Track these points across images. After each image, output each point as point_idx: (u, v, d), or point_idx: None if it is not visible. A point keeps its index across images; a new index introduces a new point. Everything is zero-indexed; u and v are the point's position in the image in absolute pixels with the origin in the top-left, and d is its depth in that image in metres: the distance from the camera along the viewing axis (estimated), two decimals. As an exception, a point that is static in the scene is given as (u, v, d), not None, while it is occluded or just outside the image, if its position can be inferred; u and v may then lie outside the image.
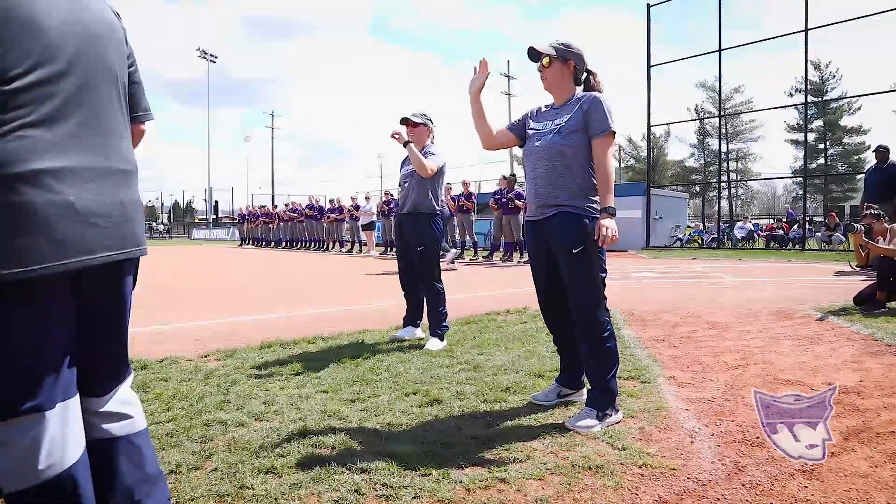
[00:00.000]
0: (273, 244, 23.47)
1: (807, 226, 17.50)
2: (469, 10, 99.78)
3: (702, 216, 33.29)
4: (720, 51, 17.13)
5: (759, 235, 19.44)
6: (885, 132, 37.84)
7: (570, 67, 2.62)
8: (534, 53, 2.62)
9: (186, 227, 45.65)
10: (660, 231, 18.19)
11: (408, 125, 4.21)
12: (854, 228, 6.12)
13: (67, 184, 1.22)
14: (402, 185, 4.35)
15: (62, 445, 1.26)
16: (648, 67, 18.30)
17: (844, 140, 37.74)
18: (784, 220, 20.91)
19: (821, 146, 37.34)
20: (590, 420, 2.43)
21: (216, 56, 42.75)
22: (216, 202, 43.24)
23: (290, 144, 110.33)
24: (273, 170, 47.66)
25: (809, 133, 32.03)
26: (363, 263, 13.38)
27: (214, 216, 42.28)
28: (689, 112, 35.73)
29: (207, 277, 10.68)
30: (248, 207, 30.03)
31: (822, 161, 37.38)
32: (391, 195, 17.61)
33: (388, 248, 17.03)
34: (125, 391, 1.49)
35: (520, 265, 11.83)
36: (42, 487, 1.23)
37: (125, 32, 1.49)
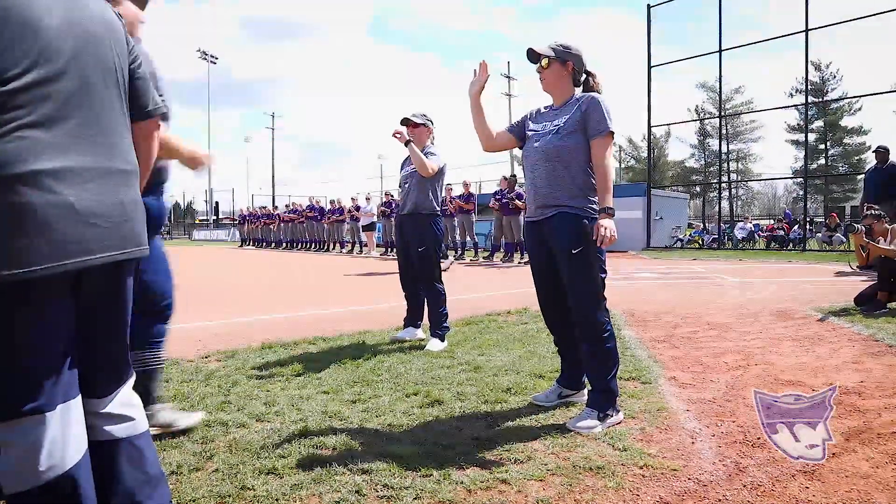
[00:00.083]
0: (273, 245, 23.49)
1: (807, 226, 17.50)
2: (469, 11, 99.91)
3: (702, 217, 33.27)
4: (720, 51, 17.14)
5: (760, 236, 19.43)
6: (886, 132, 37.98)
7: (569, 69, 2.62)
8: (533, 55, 2.64)
9: (187, 228, 45.70)
10: (660, 232, 18.19)
11: (408, 125, 4.21)
12: (855, 229, 6.11)
13: (67, 184, 1.21)
14: (403, 186, 4.35)
15: (63, 447, 1.26)
16: (649, 68, 18.30)
17: (845, 140, 37.76)
18: (784, 221, 20.89)
19: (821, 147, 37.34)
20: (590, 421, 2.43)
21: (216, 57, 42.84)
22: (217, 203, 43.31)
23: (291, 145, 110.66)
24: (273, 170, 47.68)
25: (810, 133, 32.03)
26: (364, 264, 13.38)
27: (215, 217, 42.30)
28: (690, 112, 35.87)
29: (208, 278, 10.69)
30: (249, 208, 30.07)
31: (823, 161, 37.39)
32: (392, 196, 17.63)
33: (389, 249, 17.03)
34: (127, 392, 1.49)
35: (520, 266, 11.84)
36: (43, 488, 1.23)
37: (126, 31, 1.48)
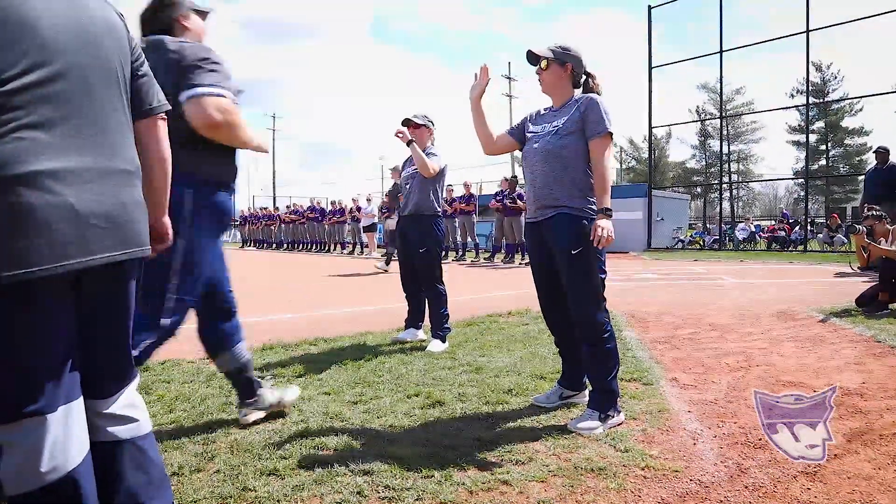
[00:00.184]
0: (275, 246, 23.50)
1: (808, 227, 17.49)
2: (469, 12, 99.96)
3: (703, 218, 33.29)
4: (721, 52, 17.14)
5: (761, 237, 19.42)
6: (887, 133, 38.02)
7: (568, 70, 2.63)
8: (532, 57, 2.65)
9: (188, 229, 45.58)
10: (661, 232, 18.18)
11: (409, 126, 4.22)
12: (856, 230, 6.10)
13: (67, 185, 1.21)
14: (404, 188, 4.35)
15: (65, 448, 1.26)
16: (650, 69, 18.30)
17: (846, 141, 37.73)
18: (784, 222, 20.88)
19: (822, 147, 37.33)
20: (592, 422, 2.43)
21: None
22: (218, 204, 43.15)
23: (291, 146, 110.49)
24: (274, 171, 47.65)
25: (811, 134, 32.03)
26: (365, 265, 13.38)
27: (216, 218, 42.19)
28: (691, 113, 35.86)
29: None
30: (250, 209, 30.07)
31: (824, 162, 37.36)
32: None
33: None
34: (131, 394, 1.48)
35: (521, 267, 11.83)
36: (45, 490, 1.23)
37: (129, 30, 1.48)
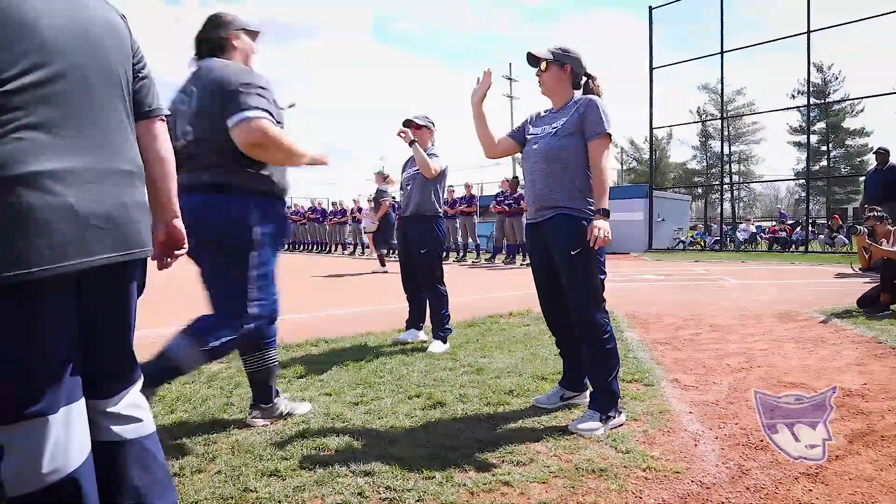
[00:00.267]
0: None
1: (810, 228, 17.48)
2: (470, 13, 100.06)
3: (704, 218, 33.25)
4: (722, 53, 17.15)
5: (762, 238, 19.41)
6: (888, 134, 37.83)
7: (568, 72, 2.63)
8: (532, 58, 2.66)
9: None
10: (662, 233, 18.18)
11: (410, 127, 4.22)
12: (857, 231, 6.10)
13: (67, 185, 1.21)
14: (405, 188, 4.36)
15: (66, 450, 1.25)
16: (651, 69, 18.31)
17: (847, 142, 37.70)
18: (784, 223, 20.85)
19: (823, 148, 37.31)
20: (593, 422, 2.43)
21: (219, 59, 42.78)
22: (219, 205, 43.15)
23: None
24: (275, 172, 47.41)
25: (812, 135, 32.02)
26: (365, 265, 13.38)
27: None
28: (692, 114, 35.80)
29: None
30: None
31: (825, 163, 37.35)
32: (393, 198, 17.61)
33: (391, 252, 17.02)
34: (134, 394, 1.48)
35: (522, 267, 11.83)
36: (46, 491, 1.23)
37: (130, 32, 1.48)
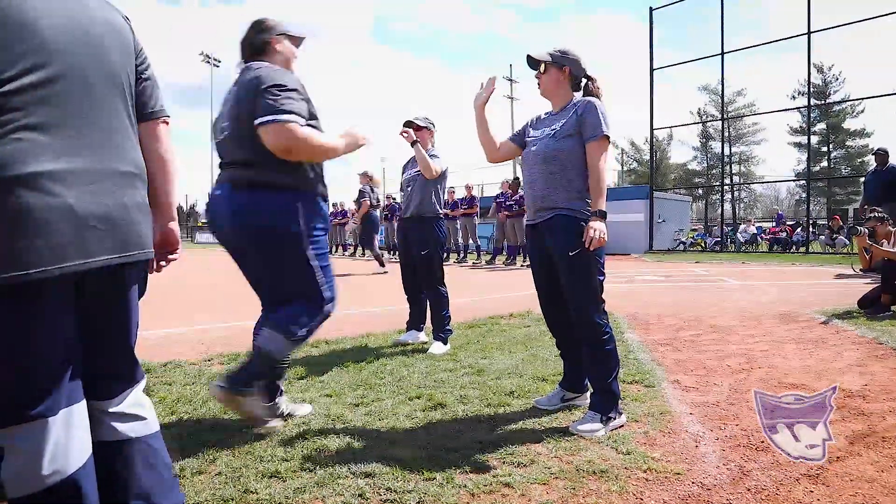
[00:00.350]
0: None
1: (810, 229, 17.47)
2: (470, 14, 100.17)
3: (705, 219, 33.24)
4: (723, 54, 17.15)
5: (763, 239, 19.40)
6: (889, 134, 37.84)
7: (566, 73, 2.64)
8: (532, 61, 2.67)
9: (189, 231, 45.73)
10: (663, 234, 18.18)
11: (411, 128, 4.22)
12: (858, 231, 6.09)
13: (66, 186, 1.21)
14: (405, 189, 4.36)
15: (66, 451, 1.25)
16: (651, 70, 18.32)
17: (847, 143, 37.71)
18: (785, 224, 20.83)
19: (824, 149, 37.30)
20: (593, 424, 2.43)
21: (220, 60, 42.96)
22: (219, 206, 43.15)
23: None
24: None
25: (812, 136, 31.99)
26: (366, 266, 13.38)
27: (217, 220, 42.19)
28: (692, 115, 35.78)
29: (211, 281, 10.69)
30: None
31: (826, 164, 37.34)
32: (394, 199, 17.63)
33: (392, 253, 17.05)
34: (138, 394, 1.48)
35: (523, 268, 11.83)
36: (46, 492, 1.23)
37: (133, 33, 1.48)
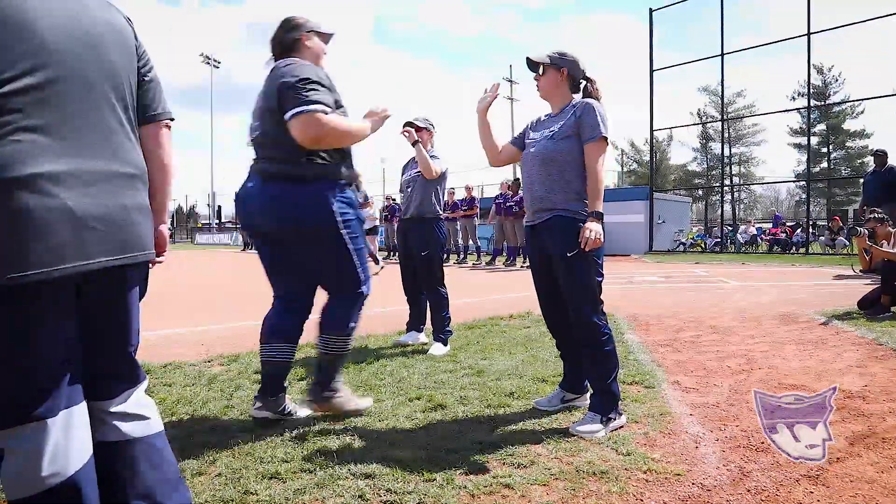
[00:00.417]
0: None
1: (810, 230, 17.47)
2: (470, 15, 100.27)
3: (704, 220, 33.22)
4: (722, 55, 17.15)
5: (763, 239, 19.39)
6: (889, 136, 37.83)
7: (564, 75, 2.65)
8: (531, 63, 2.69)
9: (189, 232, 45.74)
10: (663, 235, 18.18)
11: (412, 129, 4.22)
12: (858, 232, 6.09)
13: (65, 188, 1.20)
14: (405, 190, 4.36)
15: (66, 453, 1.25)
16: (651, 71, 18.32)
17: (847, 144, 37.71)
18: (785, 225, 20.82)
19: (824, 150, 37.31)
20: (593, 425, 2.43)
21: (219, 61, 43.04)
22: (219, 207, 43.27)
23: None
24: (275, 175, 47.44)
25: (812, 137, 31.99)
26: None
27: (217, 221, 42.31)
28: (692, 116, 35.75)
29: (211, 282, 10.70)
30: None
31: (825, 165, 37.35)
32: (393, 200, 17.63)
33: (391, 253, 17.04)
34: (141, 395, 1.48)
35: (522, 269, 11.83)
36: (46, 494, 1.23)
37: (135, 34, 1.47)
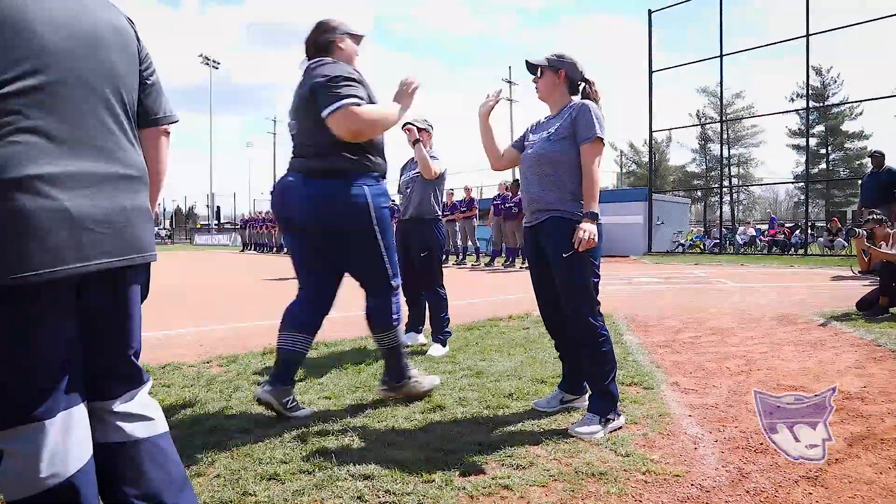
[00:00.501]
0: (275, 250, 23.50)
1: (809, 231, 17.48)
2: (470, 16, 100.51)
3: (703, 221, 33.24)
4: (721, 56, 17.15)
5: (762, 241, 19.40)
6: (887, 137, 37.70)
7: (562, 76, 2.66)
8: (530, 66, 2.72)
9: (188, 233, 45.71)
10: (662, 236, 18.18)
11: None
12: (856, 233, 6.10)
13: (63, 189, 1.20)
14: (404, 191, 4.36)
15: (65, 454, 1.25)
16: (650, 73, 18.32)
17: (846, 145, 37.71)
18: (783, 227, 20.84)
19: (822, 151, 37.32)
20: (592, 426, 2.43)
21: (218, 62, 43.05)
22: (218, 207, 43.26)
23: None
24: (275, 175, 47.69)
25: (811, 138, 31.96)
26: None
27: (217, 222, 42.31)
28: (691, 117, 35.76)
29: (210, 283, 10.69)
30: (251, 213, 30.12)
31: (824, 166, 37.36)
32: (392, 201, 17.62)
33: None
34: (144, 396, 1.47)
35: (521, 270, 11.83)
36: (44, 495, 1.23)
37: (138, 36, 1.47)
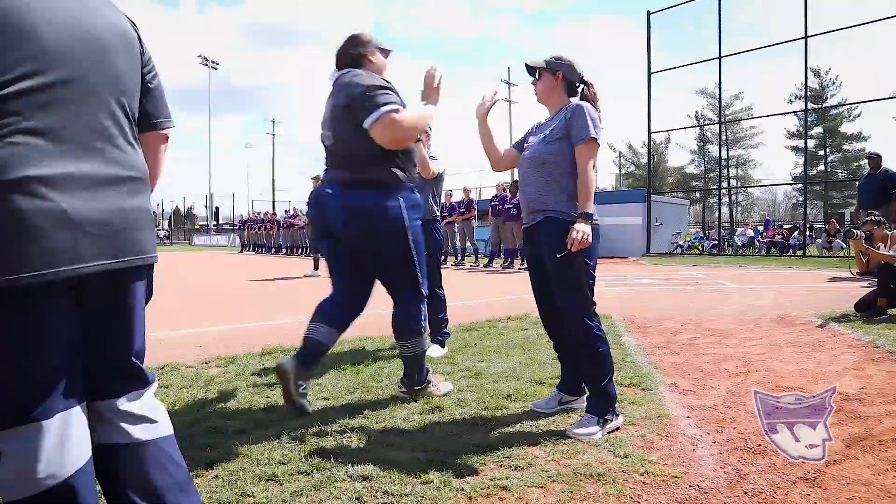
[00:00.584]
0: (273, 250, 23.49)
1: (807, 232, 17.50)
2: (469, 18, 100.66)
3: (702, 223, 33.28)
4: (720, 58, 17.17)
5: (760, 242, 19.41)
6: (885, 139, 37.80)
7: (560, 78, 2.68)
8: (528, 68, 2.74)
9: (187, 234, 45.72)
10: (660, 238, 18.19)
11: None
12: (855, 234, 6.11)
13: (60, 191, 1.21)
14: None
15: (62, 455, 1.25)
16: (649, 74, 18.34)
17: (844, 147, 37.76)
18: (781, 228, 20.86)
19: (821, 153, 37.37)
20: (591, 427, 2.43)
21: (217, 63, 43.06)
22: (217, 208, 43.28)
23: (291, 151, 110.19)
24: (274, 176, 47.66)
25: (809, 140, 32.01)
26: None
27: (215, 222, 42.31)
28: (690, 119, 35.74)
29: (208, 283, 10.68)
30: (249, 214, 30.12)
31: (823, 167, 37.40)
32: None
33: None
34: (149, 397, 1.48)
35: (520, 272, 11.83)
36: (42, 496, 1.22)
37: (140, 39, 1.47)
